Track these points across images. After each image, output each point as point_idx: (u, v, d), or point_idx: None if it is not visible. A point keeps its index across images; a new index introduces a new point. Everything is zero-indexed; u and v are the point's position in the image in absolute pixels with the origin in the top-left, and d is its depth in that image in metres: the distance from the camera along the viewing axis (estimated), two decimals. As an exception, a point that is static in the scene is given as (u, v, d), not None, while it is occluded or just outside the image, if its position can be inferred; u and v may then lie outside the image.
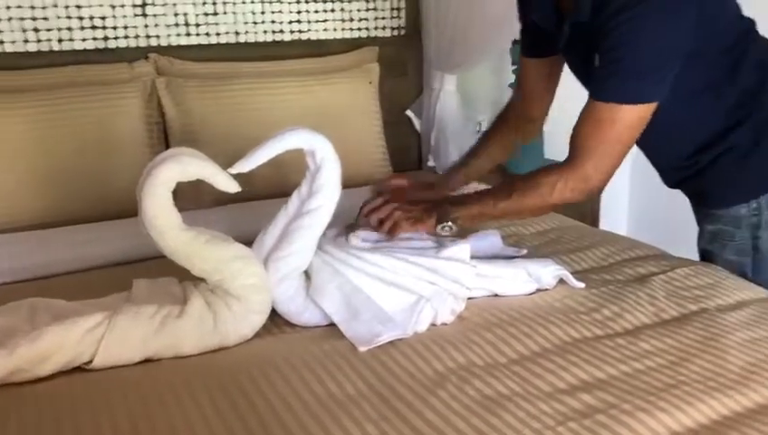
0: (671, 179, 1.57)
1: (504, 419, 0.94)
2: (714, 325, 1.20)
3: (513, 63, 2.59)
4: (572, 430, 0.91)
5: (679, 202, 1.61)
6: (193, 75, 2.07)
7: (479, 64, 2.44)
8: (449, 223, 1.34)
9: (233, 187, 1.20)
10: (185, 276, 1.24)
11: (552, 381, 1.04)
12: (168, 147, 2.02)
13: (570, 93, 1.56)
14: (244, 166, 1.20)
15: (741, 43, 1.36)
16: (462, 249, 1.32)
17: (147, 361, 1.12)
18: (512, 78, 2.53)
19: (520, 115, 1.63)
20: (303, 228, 1.23)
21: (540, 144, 2.56)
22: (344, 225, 1.40)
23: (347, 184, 2.10)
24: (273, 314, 1.24)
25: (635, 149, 1.40)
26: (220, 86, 2.06)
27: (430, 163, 2.52)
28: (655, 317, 1.25)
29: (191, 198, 1.96)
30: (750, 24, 1.39)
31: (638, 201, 3.10)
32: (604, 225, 2.61)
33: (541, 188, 1.30)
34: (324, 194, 1.23)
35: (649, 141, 1.41)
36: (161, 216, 1.13)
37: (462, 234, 1.52)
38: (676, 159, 1.49)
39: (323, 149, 1.23)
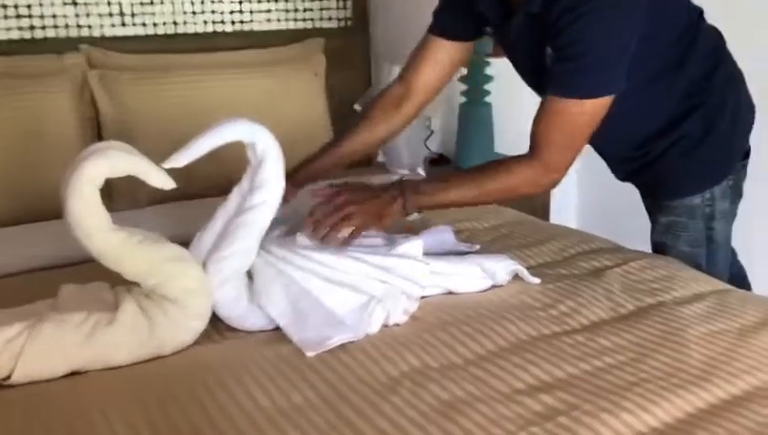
0: (621, 172, 1.54)
1: (462, 425, 0.89)
2: (672, 319, 1.16)
3: (461, 56, 2.56)
4: (534, 435, 0.86)
5: (628, 195, 1.59)
6: (128, 68, 1.96)
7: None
8: (416, 211, 1.29)
9: (167, 183, 1.11)
10: (117, 281, 1.15)
11: (510, 382, 0.99)
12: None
13: (522, 88, 1.51)
14: (179, 160, 1.11)
15: (690, 32, 1.34)
16: (414, 246, 1.26)
17: (74, 373, 1.03)
18: (462, 71, 2.49)
19: (399, 104, 1.48)
20: (245, 226, 1.15)
21: (490, 137, 2.53)
22: (290, 224, 1.33)
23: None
24: (215, 319, 1.16)
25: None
26: (157, 79, 1.96)
27: (380, 159, 2.46)
28: (612, 312, 1.21)
29: (125, 197, 1.87)
30: (698, 12, 1.37)
31: (586, 195, 3.10)
32: (554, 219, 2.59)
33: (507, 178, 1.27)
34: (267, 189, 1.16)
35: (599, 133, 1.38)
36: (88, 216, 1.04)
37: (412, 230, 1.46)
38: (626, 151, 1.46)
39: (265, 141, 1.15)
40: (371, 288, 1.17)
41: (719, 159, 1.40)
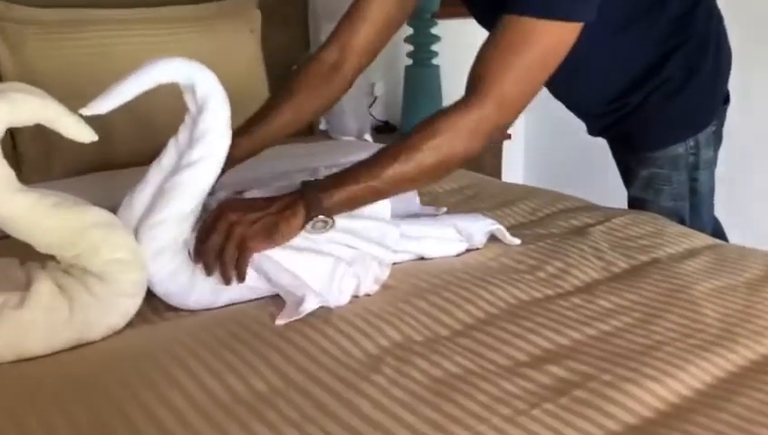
0: (596, 126, 1.42)
1: (463, 405, 0.74)
2: (673, 276, 1.05)
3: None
4: (551, 413, 0.72)
5: (579, 151, 1.48)
6: (34, 22, 1.71)
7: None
8: (321, 217, 0.97)
9: (86, 134, 0.92)
10: (29, 255, 0.95)
11: (510, 354, 0.85)
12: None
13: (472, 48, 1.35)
14: (101, 105, 0.92)
15: None
16: (381, 206, 1.10)
17: (-23, 369, 0.83)
18: (408, 31, 2.33)
19: (331, 73, 1.27)
20: (183, 185, 0.96)
21: (438, 102, 2.39)
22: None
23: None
24: (152, 297, 0.97)
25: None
26: (69, 34, 1.72)
27: (322, 127, 2.29)
28: (605, 272, 1.09)
29: (35, 165, 1.64)
30: None
31: (534, 154, 3.01)
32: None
33: (436, 138, 0.99)
34: (209, 141, 0.97)
35: (572, 86, 1.25)
36: (-14, 173, 0.83)
37: None
38: (603, 103, 1.34)
39: (206, 84, 0.97)
40: (337, 252, 1.01)
41: (703, 103, 1.29)
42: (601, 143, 1.46)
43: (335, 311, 0.94)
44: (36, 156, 1.67)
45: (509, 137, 2.48)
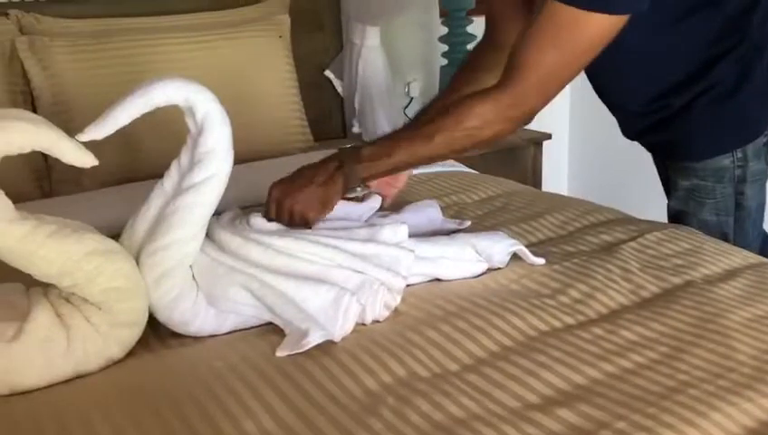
0: (634, 128, 1.34)
1: (461, 457, 0.69)
2: (706, 303, 0.97)
3: (440, 15, 2.34)
4: (556, 468, 0.67)
5: (626, 161, 1.39)
6: (63, 34, 1.72)
7: (403, 13, 2.17)
8: (359, 186, 1.09)
9: (85, 160, 0.89)
10: (36, 280, 0.93)
11: (519, 393, 0.79)
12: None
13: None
14: (98, 131, 0.89)
15: None
16: (398, 231, 1.05)
17: (-29, 403, 0.82)
18: (443, 30, 2.27)
19: (496, 53, 1.25)
20: (185, 209, 0.93)
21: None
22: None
23: (259, 155, 1.85)
24: (156, 322, 0.95)
25: (577, 98, 1.13)
26: (97, 45, 1.72)
27: (355, 129, 2.25)
28: (633, 296, 1.02)
29: (67, 178, 1.65)
30: None
31: (579, 161, 2.91)
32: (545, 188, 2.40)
33: (469, 121, 1.04)
34: (211, 163, 0.94)
35: (614, 78, 1.17)
36: (-21, 204, 0.82)
37: (394, 207, 1.26)
38: (645, 102, 1.25)
39: (205, 105, 0.93)
40: (342, 280, 0.96)
41: (754, 112, 1.20)
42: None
43: (341, 342, 0.90)
44: (66, 169, 1.67)
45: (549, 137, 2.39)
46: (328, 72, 2.26)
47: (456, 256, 1.08)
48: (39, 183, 1.65)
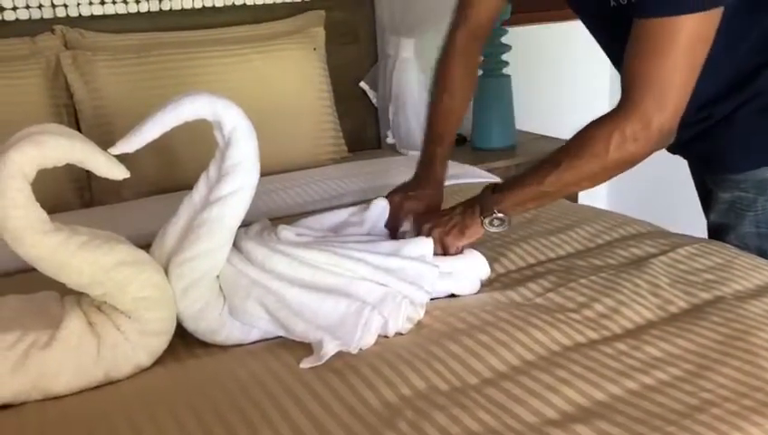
0: (674, 141, 1.31)
1: (475, 471, 0.69)
2: (736, 319, 0.95)
3: (476, 26, 2.34)
4: (570, 485, 0.66)
5: (670, 172, 1.37)
6: (104, 48, 1.77)
7: (437, 25, 2.17)
8: (497, 215, 1.09)
9: (117, 172, 0.93)
10: (69, 289, 0.96)
11: (538, 409, 0.79)
12: (80, 132, 1.73)
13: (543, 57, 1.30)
14: (129, 145, 0.92)
15: None
16: (423, 245, 1.06)
17: (6, 406, 0.85)
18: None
19: (473, 36, 1.32)
20: (212, 221, 0.96)
21: (510, 112, 2.31)
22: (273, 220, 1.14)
23: (293, 166, 1.88)
24: (184, 332, 0.97)
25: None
26: (137, 59, 1.77)
27: (389, 140, 2.26)
28: (660, 311, 1.00)
29: (107, 188, 1.69)
30: None
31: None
32: (583, 200, 2.37)
33: (594, 146, 1.02)
34: (238, 176, 0.96)
35: None
36: (15, 216, 0.85)
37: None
38: (686, 113, 1.23)
39: (232, 119, 0.96)
40: (365, 292, 0.98)
41: None
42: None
43: (363, 354, 0.91)
44: (106, 180, 1.72)
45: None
46: (363, 84, 2.28)
47: (468, 270, 1.08)
48: (80, 193, 1.70)
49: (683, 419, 0.74)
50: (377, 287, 0.99)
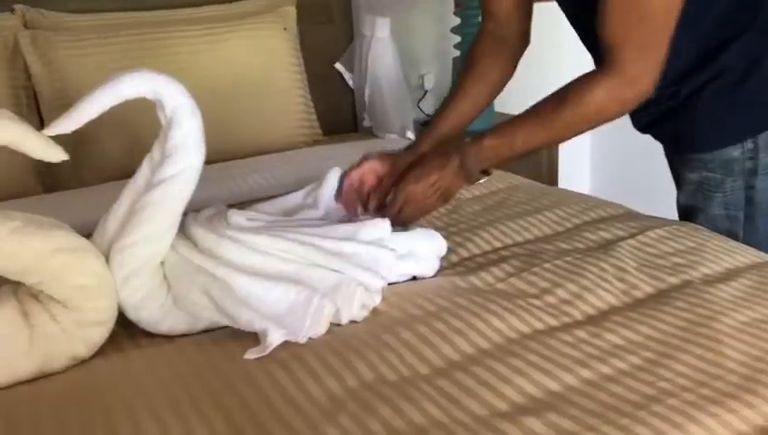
0: (643, 119, 1.27)
1: (415, 468, 0.65)
2: (701, 304, 0.92)
3: (456, 6, 2.29)
4: (513, 482, 0.63)
5: (651, 154, 1.33)
6: (66, 28, 1.72)
7: (414, 4, 2.12)
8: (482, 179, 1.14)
9: (54, 154, 0.88)
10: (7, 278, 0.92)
11: (489, 401, 0.75)
12: (40, 116, 1.69)
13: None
14: (65, 125, 0.88)
15: None
16: (379, 228, 1.02)
17: (-67, 402, 0.81)
18: (455, 21, 2.22)
19: (496, 44, 1.28)
20: (154, 205, 0.91)
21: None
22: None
23: (263, 149, 1.83)
24: (129, 322, 0.93)
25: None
26: (100, 40, 1.71)
27: (366, 123, 2.21)
28: (625, 297, 0.97)
29: (68, 173, 1.64)
30: None
31: (601, 154, 2.83)
32: (564, 184, 2.33)
33: (588, 103, 1.03)
34: (180, 157, 0.92)
35: None
36: (-61, 200, 0.80)
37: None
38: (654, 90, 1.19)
39: (174, 97, 0.91)
40: (317, 279, 0.93)
41: (765, 99, 1.13)
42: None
43: (312, 344, 0.87)
44: (69, 164, 1.66)
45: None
46: (338, 65, 2.22)
47: (426, 250, 1.04)
48: (41, 178, 1.65)
49: (638, 410, 0.71)
50: (330, 274, 0.95)
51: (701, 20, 1.07)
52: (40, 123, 1.67)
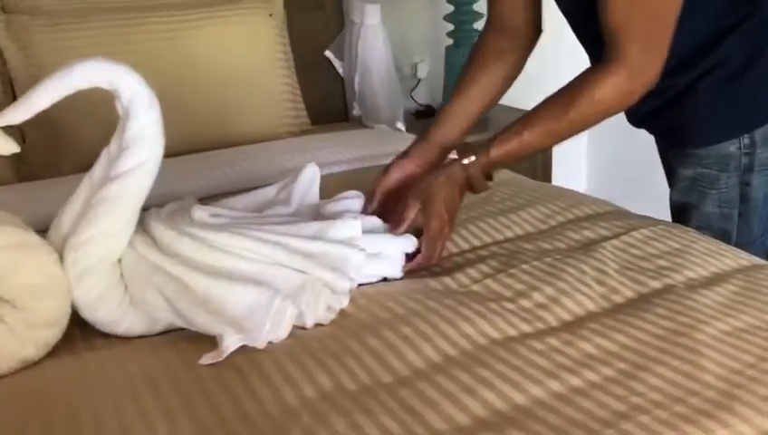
0: (638, 112, 1.23)
1: (364, 489, 0.61)
2: (683, 311, 0.87)
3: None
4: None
5: (651, 149, 1.29)
6: (43, 12, 1.67)
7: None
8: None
9: (6, 146, 0.84)
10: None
11: (449, 413, 0.71)
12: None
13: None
14: (15, 114, 0.84)
15: None
16: (350, 227, 0.97)
17: None
18: (448, 8, 2.16)
19: (502, 38, 1.21)
20: (110, 201, 0.87)
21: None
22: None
23: (245, 140, 1.78)
24: (86, 323, 0.89)
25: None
26: (78, 25, 1.66)
27: (355, 112, 2.16)
28: (603, 301, 0.92)
29: (46, 163, 1.60)
30: None
31: (599, 149, 2.77)
32: (559, 180, 2.28)
33: (596, 98, 0.99)
34: (137, 150, 0.88)
35: None
36: None
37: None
38: None
39: (130, 87, 0.87)
40: (281, 280, 0.89)
41: (764, 94, 1.08)
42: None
43: (271, 349, 0.83)
44: (45, 153, 1.63)
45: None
46: (328, 53, 2.17)
47: (396, 249, 1.00)
48: (16, 166, 1.61)
49: (605, 428, 0.67)
50: (295, 275, 0.91)
51: (701, 9, 1.02)
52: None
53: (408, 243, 1.02)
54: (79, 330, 0.89)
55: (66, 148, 1.62)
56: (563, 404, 0.71)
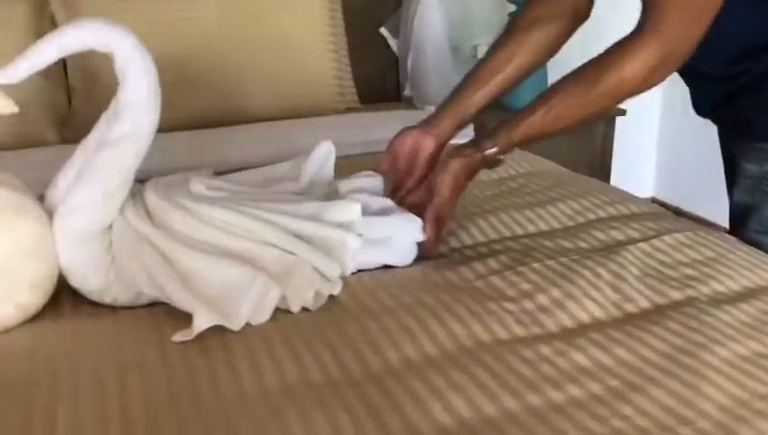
0: (706, 100, 1.12)
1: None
2: (698, 329, 0.79)
3: (515, -29, 2.13)
4: None
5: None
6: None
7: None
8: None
9: (5, 106, 0.83)
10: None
11: (410, 418, 0.66)
12: (66, 71, 1.67)
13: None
14: (10, 74, 0.82)
15: None
16: (350, 210, 0.93)
17: None
18: (514, -11, 2.07)
19: (544, 2, 1.12)
20: (100, 168, 0.85)
21: (543, 68, 2.10)
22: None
23: (285, 114, 1.75)
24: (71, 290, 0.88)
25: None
26: (129, 3, 1.66)
27: (407, 93, 2.10)
28: (614, 309, 0.85)
29: (90, 126, 1.62)
30: None
31: (669, 146, 2.60)
32: (620, 179, 2.13)
33: (623, 71, 0.92)
34: (128, 118, 0.85)
35: None
36: None
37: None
38: (722, 65, 1.04)
39: (124, 51, 0.84)
40: (269, 260, 0.86)
41: None
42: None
43: (247, 332, 0.80)
44: (90, 116, 1.63)
45: (623, 113, 2.14)
46: (383, 30, 2.12)
47: (408, 238, 0.95)
48: (60, 129, 1.63)
49: (576, 453, 0.60)
50: (285, 256, 0.87)
51: None
52: (65, 76, 1.66)
53: (417, 230, 0.97)
54: (69, 297, 0.88)
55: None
56: (536, 421, 0.64)
